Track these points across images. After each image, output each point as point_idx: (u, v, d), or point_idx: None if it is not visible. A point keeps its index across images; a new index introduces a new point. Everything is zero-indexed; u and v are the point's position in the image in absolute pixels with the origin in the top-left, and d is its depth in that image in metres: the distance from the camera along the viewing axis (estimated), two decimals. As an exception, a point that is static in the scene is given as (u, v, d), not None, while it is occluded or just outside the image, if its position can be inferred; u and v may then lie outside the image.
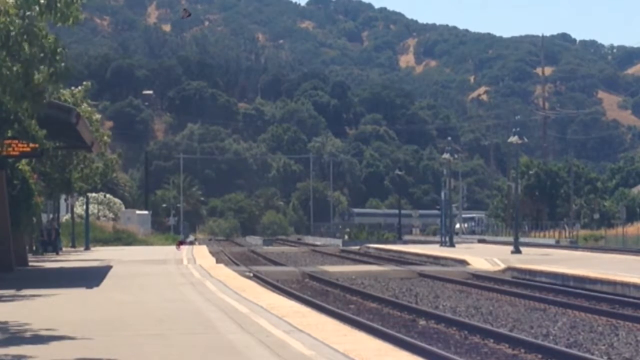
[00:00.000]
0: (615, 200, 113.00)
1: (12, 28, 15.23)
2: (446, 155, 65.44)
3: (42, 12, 15.32)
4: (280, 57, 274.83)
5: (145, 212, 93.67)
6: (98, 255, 45.31)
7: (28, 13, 15.24)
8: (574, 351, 15.90)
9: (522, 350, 16.27)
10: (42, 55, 15.57)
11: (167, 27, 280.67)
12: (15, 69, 15.43)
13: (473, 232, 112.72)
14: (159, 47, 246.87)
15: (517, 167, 60.05)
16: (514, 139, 52.11)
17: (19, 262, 33.55)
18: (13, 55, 15.47)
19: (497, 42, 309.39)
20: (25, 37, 15.27)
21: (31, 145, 28.65)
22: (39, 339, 13.35)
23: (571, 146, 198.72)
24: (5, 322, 15.55)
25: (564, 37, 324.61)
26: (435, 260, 45.92)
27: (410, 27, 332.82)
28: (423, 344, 16.16)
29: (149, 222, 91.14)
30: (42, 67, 15.73)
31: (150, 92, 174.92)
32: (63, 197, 57.20)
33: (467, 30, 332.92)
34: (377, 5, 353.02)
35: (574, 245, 73.43)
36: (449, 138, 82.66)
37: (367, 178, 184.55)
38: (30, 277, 29.46)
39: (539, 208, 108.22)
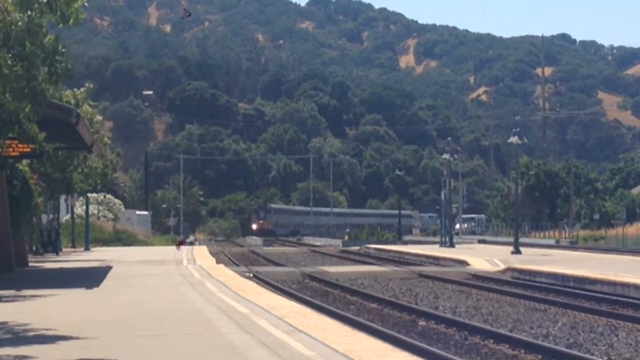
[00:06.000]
0: (615, 201, 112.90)
1: (13, 28, 15.20)
2: (446, 156, 65.44)
3: (42, 10, 15.29)
4: (280, 58, 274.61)
5: (145, 212, 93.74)
6: (98, 255, 45.28)
7: (29, 13, 15.22)
8: (574, 352, 15.90)
9: (522, 351, 16.27)
10: (42, 54, 15.53)
11: (167, 28, 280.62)
12: (15, 68, 15.40)
13: (473, 233, 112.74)
14: (159, 48, 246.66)
15: (517, 168, 60.05)
16: (513, 139, 52.18)
17: (19, 263, 33.56)
18: (14, 54, 15.44)
19: (497, 43, 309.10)
20: (26, 34, 15.24)
21: (31, 146, 28.64)
22: (39, 339, 13.35)
23: (571, 146, 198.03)
24: (6, 323, 15.55)
25: (564, 37, 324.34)
26: (435, 260, 45.92)
27: (410, 27, 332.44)
28: (423, 345, 16.17)
29: (149, 223, 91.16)
30: (42, 67, 15.70)
31: (150, 92, 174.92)
32: (63, 197, 57.17)
33: (467, 31, 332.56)
34: (377, 6, 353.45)
35: (573, 245, 73.37)
36: (449, 138, 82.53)
37: (367, 178, 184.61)
38: (31, 278, 29.46)
39: (539, 208, 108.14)
